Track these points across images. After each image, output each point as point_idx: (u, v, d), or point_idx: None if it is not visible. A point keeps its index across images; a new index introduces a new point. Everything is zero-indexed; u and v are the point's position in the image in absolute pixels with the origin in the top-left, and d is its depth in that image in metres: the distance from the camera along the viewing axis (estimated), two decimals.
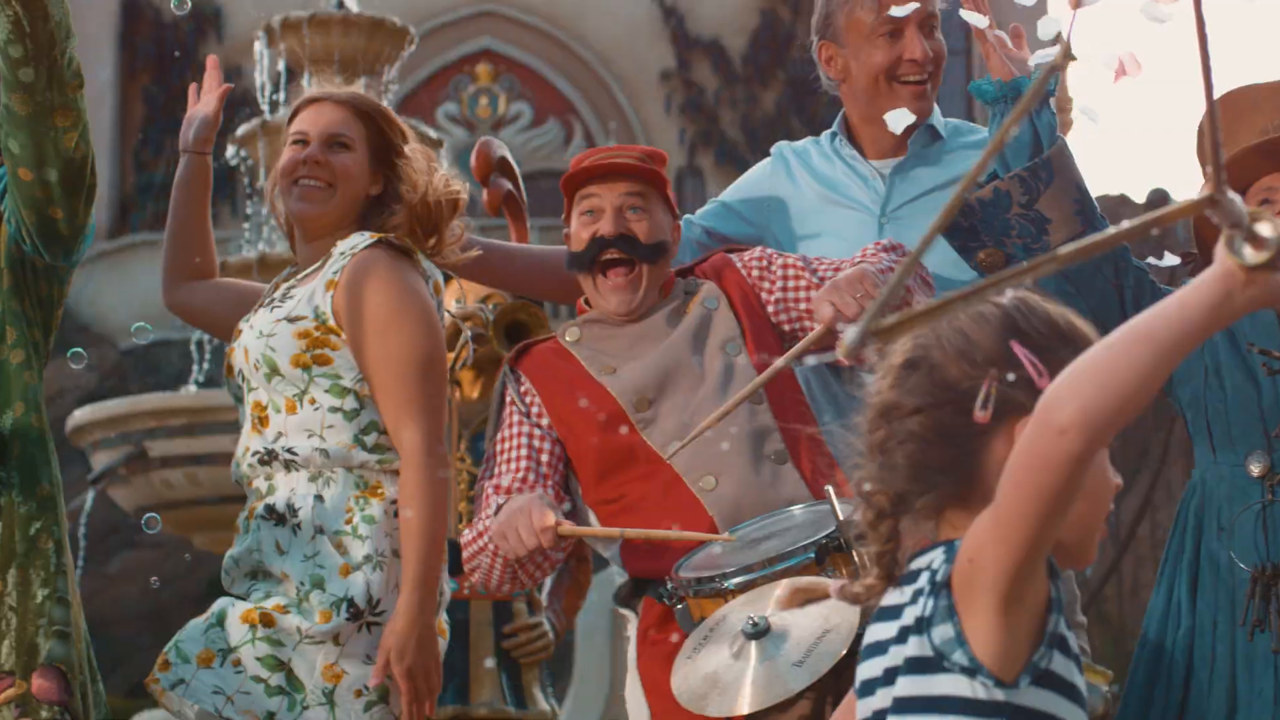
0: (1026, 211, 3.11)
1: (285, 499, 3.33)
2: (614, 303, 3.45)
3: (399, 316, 3.36)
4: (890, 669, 1.93)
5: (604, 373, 3.45)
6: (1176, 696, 3.15)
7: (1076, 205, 3.09)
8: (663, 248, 3.45)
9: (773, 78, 19.65)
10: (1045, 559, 1.82)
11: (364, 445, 3.36)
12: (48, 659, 3.25)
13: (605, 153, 3.51)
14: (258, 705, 3.23)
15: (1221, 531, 3.15)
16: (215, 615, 3.30)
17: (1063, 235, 3.08)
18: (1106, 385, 1.68)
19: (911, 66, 3.52)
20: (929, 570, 1.92)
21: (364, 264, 3.39)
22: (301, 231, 3.52)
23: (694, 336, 3.44)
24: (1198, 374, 3.21)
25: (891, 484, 1.95)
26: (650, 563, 3.35)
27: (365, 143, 3.50)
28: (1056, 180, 3.10)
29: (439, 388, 3.41)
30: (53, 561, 3.31)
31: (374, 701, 3.27)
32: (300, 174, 3.47)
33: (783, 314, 3.46)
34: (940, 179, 3.56)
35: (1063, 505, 1.75)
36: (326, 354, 3.37)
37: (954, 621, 1.86)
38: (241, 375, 3.46)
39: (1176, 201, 1.58)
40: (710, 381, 3.39)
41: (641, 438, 3.38)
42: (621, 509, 3.37)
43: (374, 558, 3.28)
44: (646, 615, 3.35)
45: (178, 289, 3.74)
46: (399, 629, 3.25)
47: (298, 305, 3.41)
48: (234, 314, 3.61)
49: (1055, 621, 1.87)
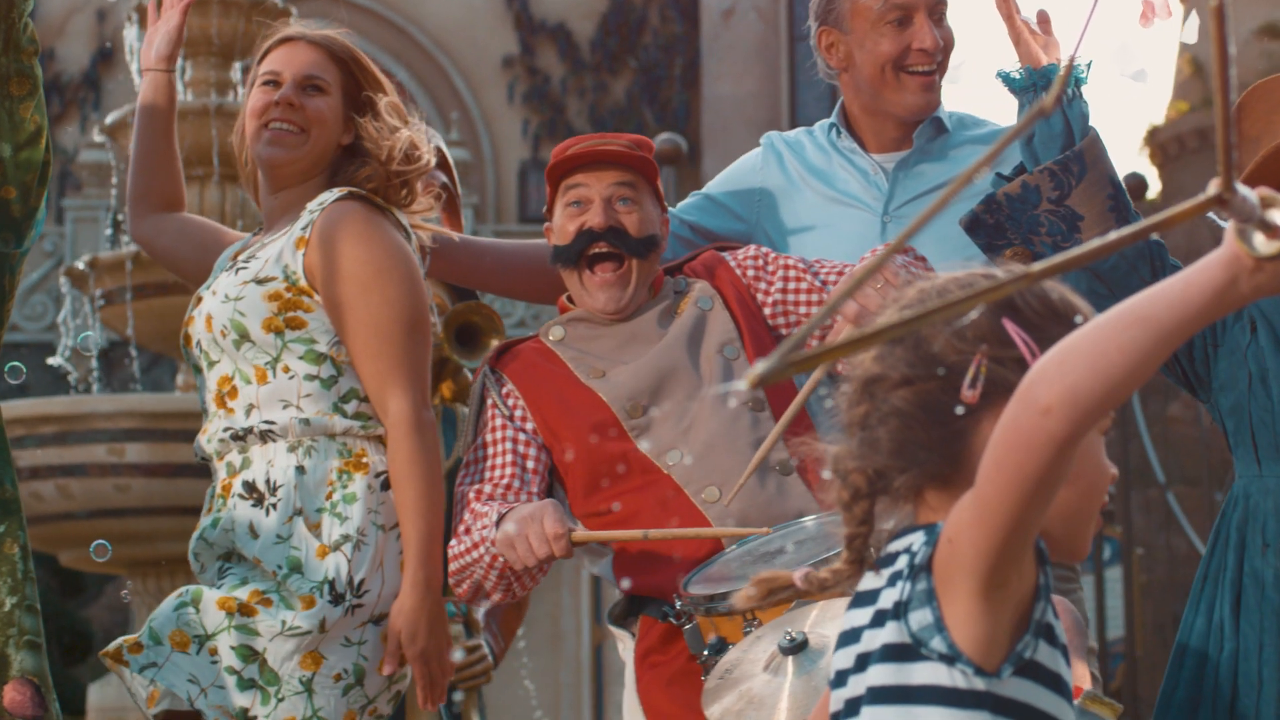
0: (1057, 208, 3.05)
1: (264, 473, 3.23)
2: (602, 300, 3.37)
3: (380, 274, 3.25)
4: (864, 654, 1.89)
5: (592, 376, 3.36)
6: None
7: (1110, 201, 3.04)
8: (653, 242, 3.37)
9: (623, 66, 19.56)
10: (1032, 544, 1.77)
11: (344, 414, 3.26)
12: (20, 671, 3.16)
13: (592, 140, 3.41)
14: (230, 701, 3.13)
15: (1267, 548, 3.07)
16: (189, 594, 3.19)
17: (1095, 233, 3.01)
18: (1097, 366, 1.63)
19: (921, 56, 3.45)
20: (908, 553, 1.88)
21: (337, 217, 3.28)
22: (269, 180, 3.41)
23: (689, 338, 3.36)
24: (1241, 380, 3.12)
25: (871, 461, 1.91)
26: (648, 579, 3.27)
27: (340, 88, 3.40)
28: (1089, 174, 3.04)
29: (425, 351, 3.31)
30: (19, 568, 3.21)
31: (351, 685, 3.19)
32: (271, 116, 3.36)
33: (780, 316, 3.39)
34: (946, 174, 3.50)
35: (1045, 489, 1.70)
36: (300, 316, 3.26)
37: (933, 606, 1.81)
38: (200, 346, 3.34)
39: (1180, 203, 1.53)
40: (708, 387, 3.31)
41: (635, 446, 3.30)
42: (614, 522, 3.28)
43: (353, 536, 3.18)
44: (646, 636, 3.27)
45: (144, 220, 3.65)
46: (407, 609, 3.17)
47: (265, 266, 3.30)
48: (197, 259, 3.53)
49: (1042, 609, 1.82)
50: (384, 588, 3.22)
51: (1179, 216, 1.53)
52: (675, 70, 19.38)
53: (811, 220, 3.58)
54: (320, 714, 3.16)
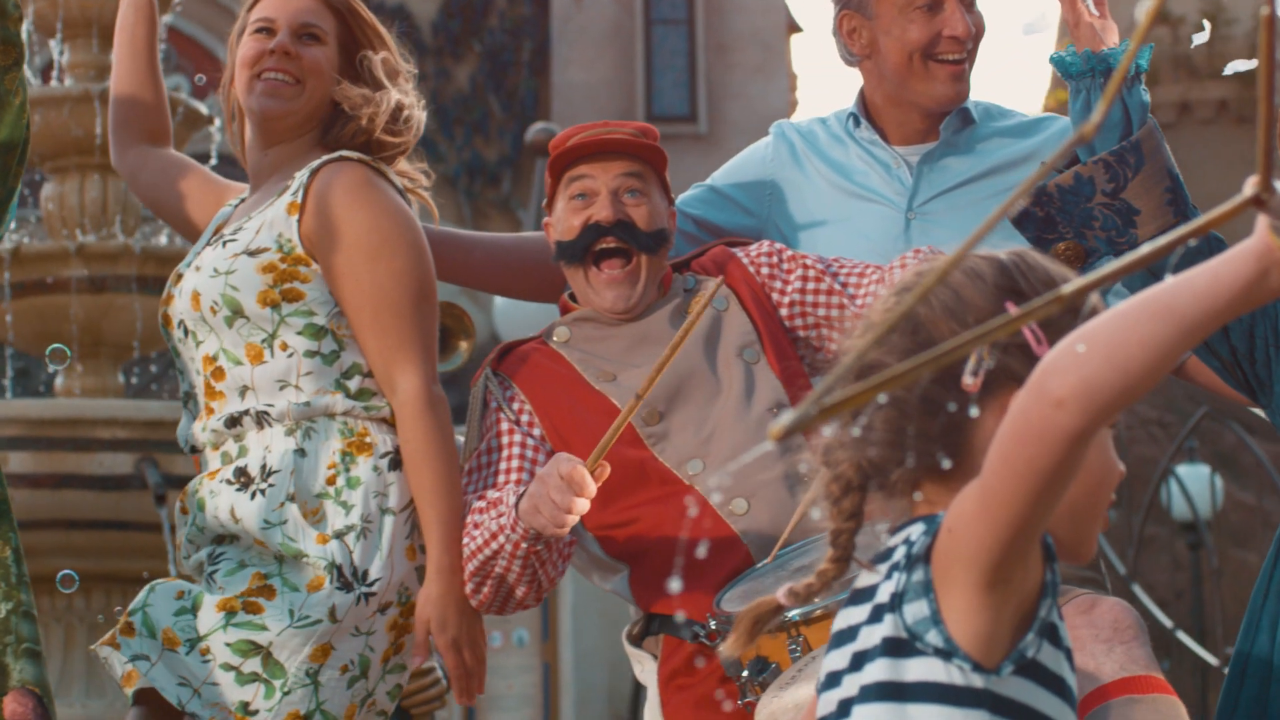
0: (1112, 201, 3.01)
1: (260, 459, 3.14)
2: (609, 299, 3.29)
3: (385, 242, 3.17)
4: (859, 653, 1.86)
5: (602, 379, 3.28)
6: None
7: (1169, 194, 3.01)
8: (663, 236, 3.31)
9: (467, 50, 19.41)
10: (1038, 540, 1.75)
11: (346, 391, 3.17)
12: (20, 680, 3.07)
13: (596, 128, 3.34)
14: (228, 696, 3.04)
15: None
16: (191, 598, 3.10)
17: (1152, 228, 2.99)
18: (1114, 358, 1.60)
19: (952, 44, 3.38)
20: (906, 544, 1.85)
21: (333, 179, 3.20)
22: (260, 135, 3.32)
23: (704, 340, 3.30)
24: None
25: (863, 453, 1.89)
26: (667, 599, 3.20)
27: (336, 38, 3.30)
28: (1147, 166, 2.99)
29: (433, 323, 3.24)
30: (12, 571, 3.12)
31: (356, 677, 3.11)
32: (266, 66, 3.27)
33: (798, 318, 3.34)
34: (974, 169, 3.44)
35: (1056, 485, 1.66)
36: (297, 288, 3.17)
37: (930, 598, 1.78)
38: (184, 327, 3.23)
39: (1218, 207, 1.52)
40: (730, 392, 3.25)
41: (654, 455, 3.23)
42: (634, 534, 3.21)
43: (358, 525, 3.10)
44: (671, 657, 3.20)
45: (128, 152, 3.55)
46: (434, 596, 3.10)
47: (256, 237, 3.20)
48: (177, 202, 3.47)
49: (1048, 608, 1.79)
50: (392, 574, 3.13)
51: (1217, 220, 1.52)
52: (523, 55, 19.27)
53: (827, 215, 3.50)
54: (324, 707, 3.09)
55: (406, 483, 3.16)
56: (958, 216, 3.39)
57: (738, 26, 18.38)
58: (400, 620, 3.16)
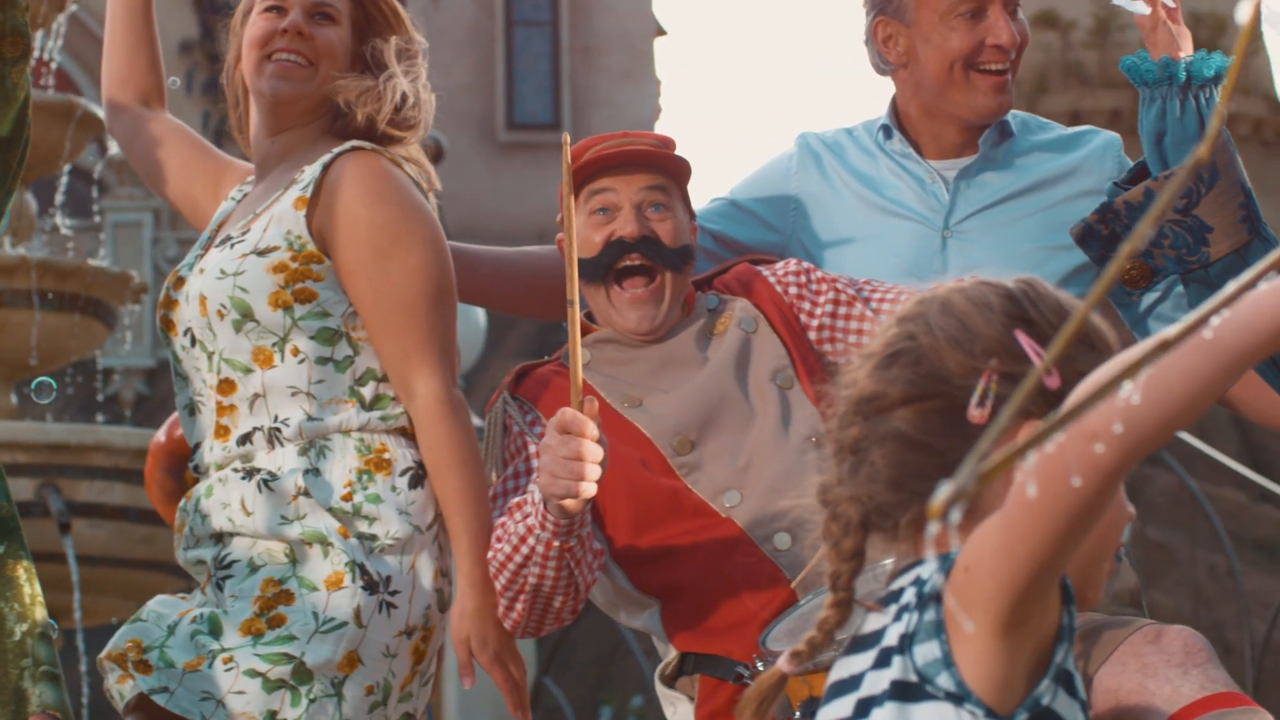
0: (1183, 217, 2.98)
1: (267, 469, 3.06)
2: (633, 319, 3.22)
3: (401, 238, 3.10)
4: (864, 700, 1.81)
5: (628, 405, 3.21)
6: None
7: (1243, 211, 2.98)
8: (688, 253, 3.25)
9: None
10: (1058, 581, 1.72)
11: (362, 401, 3.08)
12: (40, 705, 3.01)
13: (616, 139, 3.27)
14: (255, 705, 2.95)
15: None
16: (205, 622, 3.00)
17: (1225, 246, 2.96)
18: (1154, 392, 1.57)
19: (995, 53, 3.29)
20: (916, 583, 1.81)
21: (345, 170, 3.10)
22: (268, 120, 3.22)
23: (735, 364, 3.23)
24: None
25: (864, 491, 1.86)
26: (706, 637, 3.11)
27: (349, 19, 3.20)
28: (1220, 181, 2.97)
29: (452, 323, 3.16)
30: (25, 591, 3.04)
31: (378, 703, 3.03)
32: (277, 47, 3.17)
33: (826, 343, 3.28)
34: (1013, 185, 3.37)
35: (1084, 523, 1.64)
36: (309, 288, 3.09)
37: (941, 640, 1.75)
38: (191, 335, 3.13)
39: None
40: (765, 419, 3.18)
41: (686, 486, 3.15)
42: (667, 568, 3.14)
43: (381, 539, 3.02)
44: (710, 698, 3.12)
45: (122, 114, 3.46)
46: (470, 612, 3.03)
47: (264, 236, 3.11)
48: (168, 173, 3.41)
49: (1064, 653, 1.76)
50: (414, 591, 3.05)
51: None
52: None
53: (856, 232, 3.42)
54: None
55: (428, 501, 3.09)
56: (996, 235, 3.33)
57: (604, 29, 18.27)
58: (421, 646, 3.09)
